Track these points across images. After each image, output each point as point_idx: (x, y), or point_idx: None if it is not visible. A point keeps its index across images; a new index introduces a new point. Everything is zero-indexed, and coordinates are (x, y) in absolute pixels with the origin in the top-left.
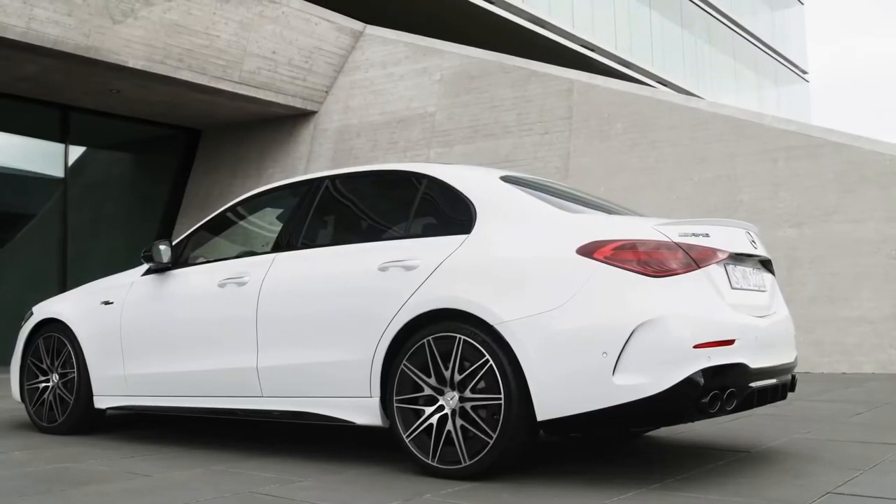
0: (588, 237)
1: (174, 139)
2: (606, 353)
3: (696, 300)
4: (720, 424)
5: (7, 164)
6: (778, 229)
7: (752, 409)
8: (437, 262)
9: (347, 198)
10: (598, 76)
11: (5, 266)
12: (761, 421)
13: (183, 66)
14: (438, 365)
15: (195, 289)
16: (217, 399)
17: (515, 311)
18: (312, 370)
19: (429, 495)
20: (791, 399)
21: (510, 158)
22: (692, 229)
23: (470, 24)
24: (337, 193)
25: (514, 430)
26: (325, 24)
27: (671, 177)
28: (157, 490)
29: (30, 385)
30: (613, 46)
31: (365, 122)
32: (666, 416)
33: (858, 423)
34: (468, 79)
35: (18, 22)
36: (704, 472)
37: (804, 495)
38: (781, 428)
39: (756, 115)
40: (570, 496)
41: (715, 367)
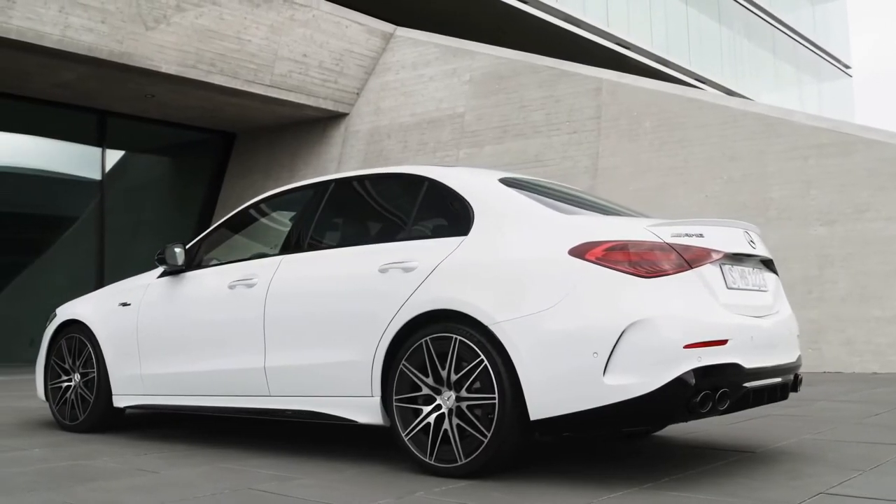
0: (580, 238)
1: (210, 142)
2: (597, 354)
3: (687, 301)
4: (732, 424)
5: (47, 168)
6: (809, 227)
7: (769, 410)
8: (435, 263)
9: (352, 200)
10: (627, 75)
11: (44, 269)
12: (776, 421)
13: (215, 71)
14: (436, 365)
15: (207, 290)
16: (228, 398)
17: (509, 311)
18: (317, 370)
19: (422, 493)
20: (813, 399)
21: (539, 158)
22: (685, 230)
23: (503, 24)
24: (342, 196)
25: (508, 429)
26: (355, 26)
27: (700, 176)
28: (159, 486)
29: (53, 384)
30: (649, 44)
31: (395, 123)
32: (657, 416)
33: (874, 424)
34: (497, 79)
35: (54, 30)
36: (702, 471)
37: (796, 495)
38: (794, 428)
39: (786, 113)
40: (560, 494)
41: (706, 367)
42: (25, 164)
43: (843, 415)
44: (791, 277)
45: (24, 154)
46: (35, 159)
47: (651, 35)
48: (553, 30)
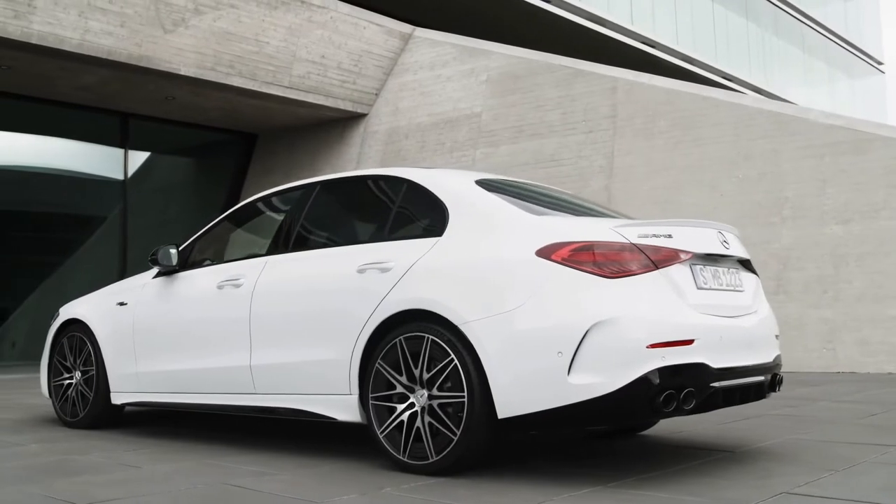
0: (547, 239)
1: (232, 143)
2: (561, 353)
3: (652, 301)
4: (724, 424)
5: (71, 170)
6: (824, 226)
7: (765, 409)
8: (409, 264)
9: (336, 202)
10: (643, 74)
11: (68, 268)
12: (770, 421)
13: (234, 73)
14: (409, 364)
15: (197, 290)
16: (217, 396)
17: (478, 311)
18: (299, 368)
19: (389, 489)
20: (815, 399)
21: (555, 158)
22: (653, 230)
23: (525, 24)
24: (327, 198)
25: (477, 427)
26: (373, 27)
27: (715, 174)
28: (136, 481)
29: (55, 382)
30: (675, 42)
31: (413, 123)
32: (621, 415)
33: (868, 425)
34: (514, 79)
35: (74, 34)
36: (673, 471)
37: (756, 495)
38: (785, 428)
39: (801, 111)
40: (522, 491)
41: (670, 366)
42: (50, 165)
43: (840, 415)
44: (805, 277)
45: (49, 155)
46: (60, 161)
47: (676, 33)
48: (576, 29)
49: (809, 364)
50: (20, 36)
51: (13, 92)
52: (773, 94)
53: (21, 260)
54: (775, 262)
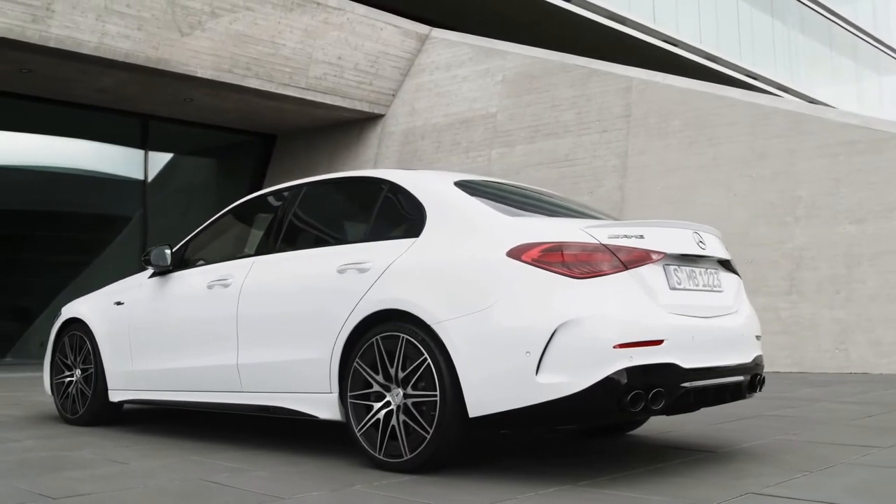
0: (518, 240)
1: (251, 144)
2: (529, 353)
3: (620, 301)
4: (717, 425)
5: (92, 171)
6: (838, 226)
7: (761, 410)
8: (387, 264)
9: (321, 203)
10: (657, 73)
11: (94, 268)
12: (763, 421)
13: (250, 75)
14: (385, 363)
15: (188, 290)
16: (207, 394)
17: (450, 311)
18: (282, 367)
19: (360, 486)
20: (817, 399)
21: (569, 158)
22: (624, 231)
23: (546, 23)
24: (312, 199)
25: (449, 426)
26: (389, 28)
27: (729, 174)
28: (119, 477)
29: (57, 379)
30: (698, 40)
31: (429, 124)
32: (589, 415)
33: (861, 426)
34: (529, 79)
35: (91, 38)
36: (648, 470)
37: (722, 494)
38: (775, 428)
39: (817, 109)
40: (492, 489)
41: (638, 366)
42: (73, 166)
43: (837, 416)
44: (818, 277)
45: (72, 157)
46: (82, 162)
47: (700, 31)
48: (597, 28)
49: (822, 364)
50: (39, 40)
51: (35, 95)
52: (800, 92)
53: (48, 260)
54: (788, 262)
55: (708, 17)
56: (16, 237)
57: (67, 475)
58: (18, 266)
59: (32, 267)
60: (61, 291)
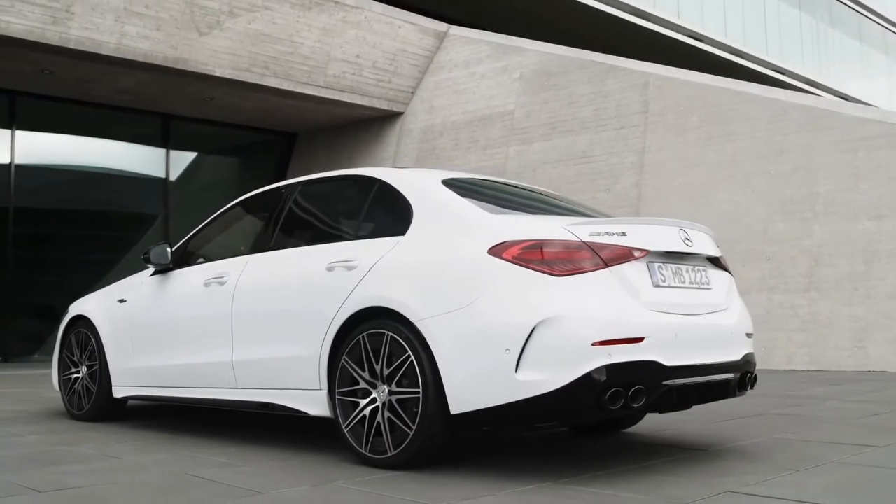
0: (499, 238)
1: (272, 143)
2: (509, 350)
3: (599, 299)
4: (716, 423)
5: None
6: (857, 222)
7: (766, 408)
8: (373, 262)
9: (313, 202)
10: (675, 69)
11: (112, 265)
12: (765, 420)
13: (269, 74)
14: (371, 360)
15: (187, 287)
16: (204, 390)
17: (432, 309)
18: (274, 364)
19: (341, 482)
20: (824, 398)
21: (586, 154)
22: (605, 228)
23: (567, 19)
24: (305, 198)
25: (431, 423)
26: (408, 26)
27: (747, 170)
28: (110, 471)
29: (64, 376)
30: (723, 35)
31: (448, 121)
32: (568, 412)
33: (862, 425)
34: (546, 75)
35: (111, 38)
36: (633, 468)
37: (699, 493)
38: (774, 427)
39: (836, 104)
40: (470, 486)
41: (617, 364)
42: (95, 165)
43: (842, 414)
44: (836, 273)
45: (94, 156)
46: (104, 161)
47: (725, 26)
48: (619, 23)
49: (840, 363)
50: (59, 41)
51: (58, 95)
52: (829, 87)
53: (72, 259)
54: (806, 259)
55: (734, 12)
56: (41, 236)
57: (60, 469)
58: (43, 265)
59: (57, 265)
60: (86, 290)
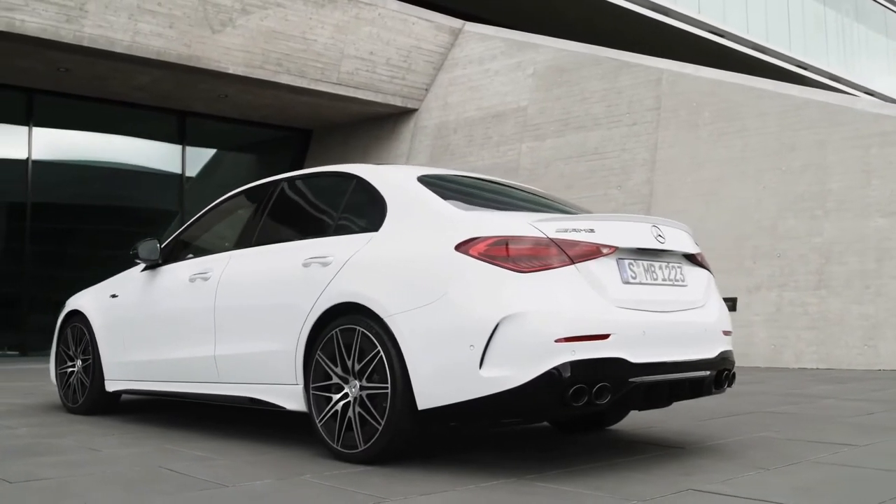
0: (467, 234)
1: (288, 139)
2: (473, 346)
3: (564, 296)
4: (703, 421)
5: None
6: (868, 219)
7: (760, 406)
8: (346, 258)
9: (294, 198)
10: (688, 65)
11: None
12: (755, 418)
13: (282, 70)
14: (343, 355)
15: (174, 283)
16: (189, 384)
17: (401, 304)
18: (253, 358)
19: (308, 476)
20: (822, 397)
21: (599, 151)
22: (573, 225)
23: (586, 15)
24: (287, 194)
25: (399, 418)
26: (422, 23)
27: (758, 166)
28: (85, 463)
29: (60, 370)
30: (745, 31)
31: (462, 118)
32: (532, 409)
33: (852, 423)
34: (560, 72)
35: (124, 36)
36: (601, 466)
37: (660, 491)
38: (762, 425)
39: (849, 100)
40: (433, 481)
41: (581, 361)
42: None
43: (835, 413)
44: (847, 271)
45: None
46: (121, 158)
47: (747, 21)
48: (639, 19)
49: (850, 361)
50: (73, 39)
51: (74, 93)
52: (854, 83)
53: (89, 254)
54: (817, 256)
55: (756, 6)
56: (58, 232)
57: (36, 461)
58: (60, 260)
59: (73, 261)
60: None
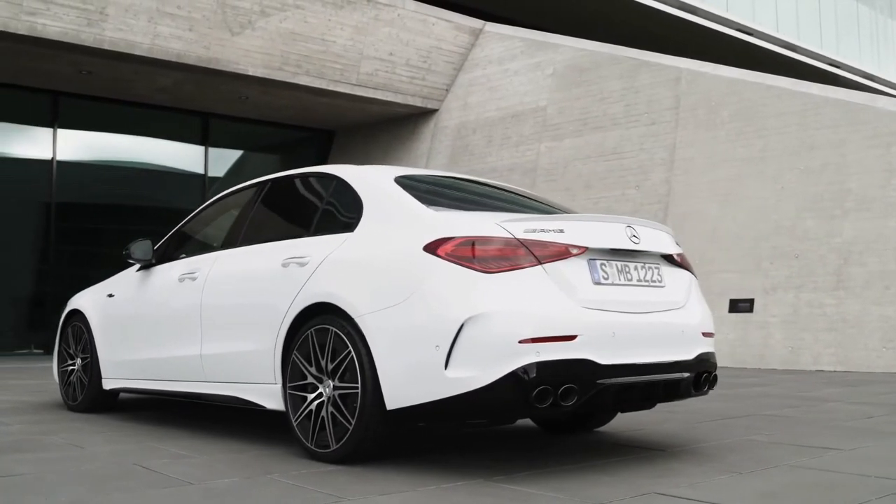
0: (435, 235)
1: (311, 140)
2: (439, 347)
3: (529, 296)
4: (694, 424)
5: (155, 166)
6: (889, 219)
7: (761, 409)
8: (322, 258)
9: (280, 199)
10: (707, 63)
11: None
12: (748, 421)
13: (301, 72)
14: (317, 355)
15: (165, 282)
16: (178, 383)
17: (371, 305)
18: (235, 357)
19: (276, 475)
20: (829, 400)
21: (617, 151)
22: (542, 225)
23: (612, 14)
24: (273, 195)
25: (369, 418)
26: (442, 23)
27: (777, 166)
28: (64, 460)
29: (61, 368)
30: (775, 29)
31: (481, 118)
32: (497, 410)
33: (846, 427)
34: (579, 71)
35: (144, 39)
36: (572, 468)
37: (622, 494)
38: (752, 428)
39: (869, 98)
40: (395, 481)
41: (546, 362)
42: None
43: (833, 416)
44: (868, 272)
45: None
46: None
47: (777, 19)
48: (664, 18)
49: (869, 364)
50: (93, 42)
51: (98, 95)
52: (889, 81)
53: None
54: (836, 257)
55: (787, 4)
56: (82, 231)
57: (18, 457)
58: (84, 259)
59: (97, 260)
60: None
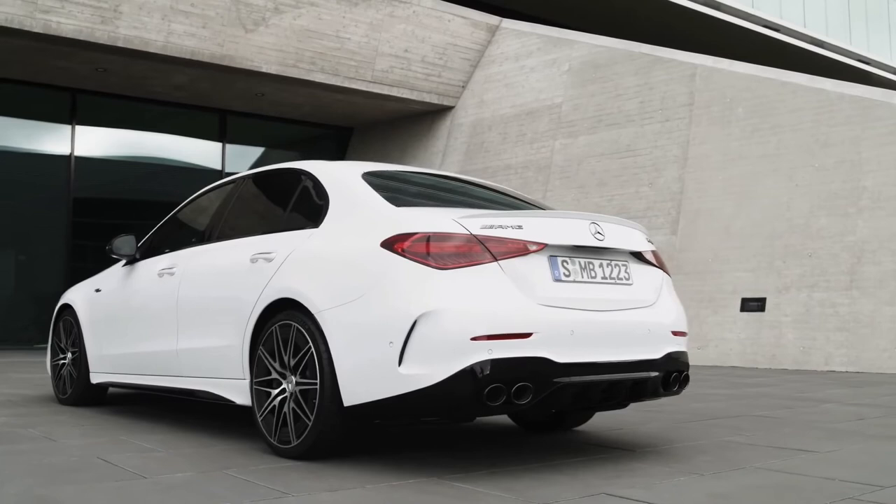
0: (393, 231)
1: (329, 137)
2: (392, 344)
3: (483, 293)
4: (678, 424)
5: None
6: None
7: (758, 410)
8: (287, 254)
9: (255, 195)
10: (722, 59)
11: None
12: (735, 422)
13: (315, 69)
14: (281, 351)
15: (146, 278)
16: (157, 378)
17: (330, 301)
18: (207, 353)
19: (233, 470)
20: (825, 401)
21: (631, 148)
22: (499, 221)
23: (635, 11)
24: (247, 191)
25: (327, 414)
26: (458, 20)
27: (791, 163)
28: (29, 453)
29: (53, 362)
30: (802, 25)
31: (497, 115)
32: (450, 408)
33: (830, 429)
34: (594, 68)
35: (158, 37)
36: (531, 468)
37: (572, 494)
38: (735, 429)
39: (885, 94)
40: (346, 478)
41: (499, 360)
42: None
43: (824, 418)
44: (882, 272)
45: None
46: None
47: (804, 14)
48: (689, 14)
49: (881, 364)
50: (107, 40)
51: (115, 92)
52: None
53: None
54: (849, 256)
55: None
56: (101, 227)
57: None
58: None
59: None
60: None
